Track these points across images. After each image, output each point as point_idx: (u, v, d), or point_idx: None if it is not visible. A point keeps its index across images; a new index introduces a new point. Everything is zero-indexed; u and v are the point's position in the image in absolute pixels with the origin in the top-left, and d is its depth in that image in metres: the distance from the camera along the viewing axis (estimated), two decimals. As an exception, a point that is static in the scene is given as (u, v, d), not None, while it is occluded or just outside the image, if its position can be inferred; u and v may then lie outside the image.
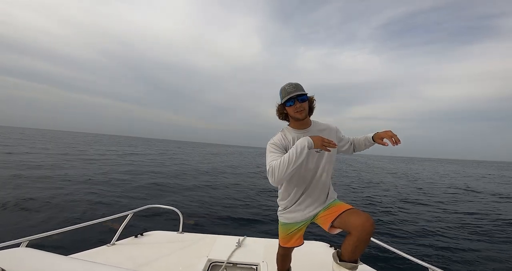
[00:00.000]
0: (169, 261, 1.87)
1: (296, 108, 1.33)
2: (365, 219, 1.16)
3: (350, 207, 1.33)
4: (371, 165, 33.33)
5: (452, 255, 4.13)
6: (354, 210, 1.29)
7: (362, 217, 1.18)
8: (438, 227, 5.65)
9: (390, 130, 1.38)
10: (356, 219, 1.19)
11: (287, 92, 1.33)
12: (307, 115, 1.39)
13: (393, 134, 1.34)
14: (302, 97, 1.32)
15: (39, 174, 8.87)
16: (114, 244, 2.08)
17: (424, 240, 4.77)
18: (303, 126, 1.42)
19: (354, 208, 1.31)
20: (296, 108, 1.33)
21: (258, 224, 5.14)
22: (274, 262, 1.90)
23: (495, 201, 9.61)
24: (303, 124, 1.41)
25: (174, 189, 8.22)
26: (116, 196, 6.65)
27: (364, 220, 1.16)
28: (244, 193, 8.36)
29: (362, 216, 1.19)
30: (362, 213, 1.22)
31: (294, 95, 1.30)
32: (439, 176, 20.97)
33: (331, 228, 1.37)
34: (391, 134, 1.34)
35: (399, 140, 1.32)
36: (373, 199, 8.69)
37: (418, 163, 60.87)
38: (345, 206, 1.35)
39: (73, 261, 0.89)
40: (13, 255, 0.90)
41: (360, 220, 1.17)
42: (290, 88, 1.33)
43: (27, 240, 1.35)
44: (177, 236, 2.43)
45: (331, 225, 1.34)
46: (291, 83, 1.34)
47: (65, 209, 5.15)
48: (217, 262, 1.90)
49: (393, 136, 1.33)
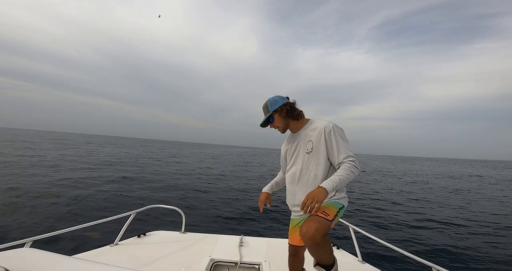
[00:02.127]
0: (172, 260, 1.87)
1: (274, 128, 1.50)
2: (304, 231, 1.14)
3: (316, 212, 1.21)
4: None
5: (453, 253, 4.11)
6: (313, 216, 1.20)
7: (303, 228, 1.15)
8: (441, 227, 5.63)
9: (307, 197, 1.16)
10: (301, 228, 1.18)
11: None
12: (287, 127, 1.48)
13: (305, 202, 1.15)
14: (270, 120, 1.46)
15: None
16: (117, 244, 2.09)
17: (422, 237, 4.76)
18: (294, 130, 1.49)
19: (318, 215, 1.20)
20: (273, 128, 1.50)
21: (260, 223, 5.15)
22: (276, 262, 1.90)
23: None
24: (294, 129, 1.49)
25: (177, 188, 8.26)
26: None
27: (303, 232, 1.14)
28: (246, 193, 8.37)
29: (303, 227, 1.16)
30: (306, 223, 1.17)
31: (263, 122, 1.48)
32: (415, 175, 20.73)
33: None
34: (304, 202, 1.16)
35: (308, 210, 1.14)
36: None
37: (408, 162, 60.54)
38: (320, 210, 1.24)
39: (77, 261, 0.89)
40: (18, 255, 0.90)
41: (302, 230, 1.16)
42: (263, 110, 1.49)
43: (31, 240, 1.36)
44: (179, 235, 2.44)
45: None
46: (262, 107, 1.48)
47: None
48: (219, 262, 1.90)
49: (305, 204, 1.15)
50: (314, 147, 1.35)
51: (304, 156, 1.39)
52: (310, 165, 1.37)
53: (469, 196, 10.27)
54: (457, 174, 23.09)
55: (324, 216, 1.20)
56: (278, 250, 2.10)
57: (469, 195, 10.55)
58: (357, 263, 1.99)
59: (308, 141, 1.38)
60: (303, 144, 1.41)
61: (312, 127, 1.40)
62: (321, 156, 1.34)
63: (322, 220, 1.17)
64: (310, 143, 1.37)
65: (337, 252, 2.22)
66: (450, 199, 9.34)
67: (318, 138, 1.34)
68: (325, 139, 1.33)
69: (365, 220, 5.91)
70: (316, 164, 1.35)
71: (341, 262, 2.02)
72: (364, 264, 1.98)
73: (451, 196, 10.21)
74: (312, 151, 1.36)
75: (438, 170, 28.04)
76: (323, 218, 1.19)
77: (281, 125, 1.45)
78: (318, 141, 1.35)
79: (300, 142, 1.43)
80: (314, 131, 1.37)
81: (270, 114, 1.43)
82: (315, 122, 1.42)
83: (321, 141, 1.33)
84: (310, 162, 1.37)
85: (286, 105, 1.43)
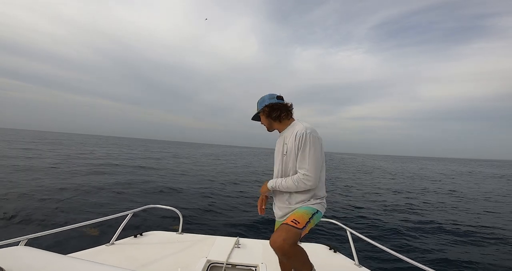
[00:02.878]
0: (168, 261, 1.86)
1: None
2: (271, 241, 1.16)
3: (291, 219, 1.24)
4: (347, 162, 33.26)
5: (444, 255, 4.11)
6: (283, 226, 1.22)
7: (272, 238, 1.17)
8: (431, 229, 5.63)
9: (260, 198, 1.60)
10: (271, 236, 1.19)
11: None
12: (271, 127, 1.52)
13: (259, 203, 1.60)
14: (258, 118, 1.56)
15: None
16: (113, 243, 2.07)
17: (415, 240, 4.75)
18: (280, 130, 1.52)
19: (285, 224, 1.22)
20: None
21: (257, 225, 5.14)
22: (273, 264, 1.89)
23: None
24: (279, 129, 1.52)
25: (175, 189, 8.23)
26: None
27: (271, 242, 1.16)
28: (244, 194, 8.35)
29: (273, 236, 1.17)
30: (276, 233, 1.19)
31: (254, 118, 1.58)
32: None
33: None
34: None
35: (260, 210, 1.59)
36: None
37: (404, 162, 60.65)
38: (291, 218, 1.26)
39: (72, 260, 0.89)
40: (12, 254, 0.90)
41: (271, 239, 1.17)
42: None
43: (25, 239, 1.35)
44: (176, 236, 2.43)
45: None
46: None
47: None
48: (216, 263, 1.89)
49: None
50: (288, 150, 1.37)
51: (281, 157, 1.42)
52: (286, 167, 1.40)
53: (466, 198, 10.29)
54: (456, 173, 23.09)
55: (293, 224, 1.21)
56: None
57: (466, 196, 10.57)
58: (354, 267, 1.99)
59: (284, 144, 1.41)
60: (282, 146, 1.43)
61: (291, 130, 1.40)
62: (290, 160, 1.37)
63: (291, 229, 1.18)
64: (285, 146, 1.39)
65: (334, 256, 2.22)
66: (448, 202, 9.35)
67: (292, 141, 1.35)
68: (294, 144, 1.33)
69: (362, 223, 5.90)
70: (290, 167, 1.38)
71: (338, 266, 2.03)
72: (361, 267, 1.98)
73: (448, 198, 10.22)
74: (286, 154, 1.38)
75: (436, 170, 28.06)
76: (292, 226, 1.20)
77: (266, 125, 1.53)
78: (292, 144, 1.35)
79: (280, 143, 1.47)
80: (291, 134, 1.38)
81: (256, 115, 1.54)
82: (295, 126, 1.42)
83: (294, 144, 1.33)
84: (285, 165, 1.40)
85: (266, 106, 1.46)
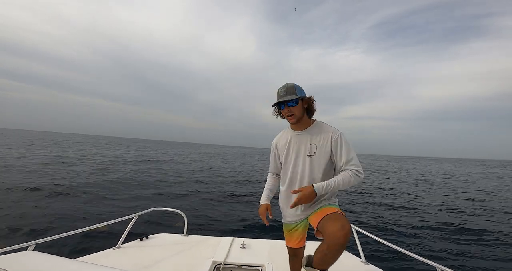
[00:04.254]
0: (174, 263, 1.87)
1: (285, 113, 1.36)
2: (339, 227, 1.07)
3: (333, 211, 1.23)
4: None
5: (457, 254, 4.07)
6: (334, 215, 1.19)
7: (337, 225, 1.08)
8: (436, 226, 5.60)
9: (299, 198, 1.22)
10: (330, 225, 1.11)
11: (278, 96, 1.34)
12: (300, 119, 1.37)
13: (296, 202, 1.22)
14: (291, 103, 1.31)
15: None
16: (119, 247, 2.09)
17: (427, 238, 4.72)
18: (299, 128, 1.41)
19: (337, 212, 1.21)
20: (285, 113, 1.36)
21: (262, 225, 5.13)
22: (279, 264, 1.89)
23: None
24: (300, 126, 1.41)
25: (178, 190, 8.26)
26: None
27: (338, 228, 1.07)
28: (249, 194, 8.35)
29: (337, 224, 1.09)
30: (339, 220, 1.12)
31: (281, 101, 1.31)
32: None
33: (317, 232, 1.30)
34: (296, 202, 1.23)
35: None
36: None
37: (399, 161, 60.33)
38: (330, 210, 1.25)
39: (80, 264, 0.89)
40: (21, 259, 0.90)
41: (334, 227, 1.08)
42: (282, 91, 1.33)
43: (34, 244, 1.36)
44: (182, 238, 2.43)
45: (317, 229, 1.28)
46: (284, 86, 1.32)
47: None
48: (221, 264, 1.90)
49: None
50: (318, 151, 1.32)
51: (305, 158, 1.36)
52: (310, 168, 1.34)
53: (475, 198, 10.21)
54: (456, 174, 23.06)
55: (342, 214, 1.21)
56: (281, 252, 2.09)
57: (475, 197, 10.49)
58: (361, 264, 1.99)
59: (311, 144, 1.35)
60: (305, 146, 1.37)
61: (318, 131, 1.36)
62: (322, 161, 1.32)
63: (344, 217, 1.17)
64: (314, 146, 1.34)
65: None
66: (454, 199, 9.28)
67: (324, 142, 1.31)
68: (331, 145, 1.30)
69: (368, 221, 5.88)
70: (317, 168, 1.33)
71: (345, 263, 2.02)
72: (367, 265, 1.97)
73: (454, 196, 10.15)
74: (315, 155, 1.33)
75: (437, 170, 27.93)
76: (341, 214, 1.20)
77: (299, 114, 1.34)
78: (323, 145, 1.32)
79: (302, 142, 1.38)
80: (320, 135, 1.34)
81: (296, 99, 1.30)
82: (322, 126, 1.38)
83: (327, 146, 1.30)
84: (310, 166, 1.34)
85: (312, 98, 1.38)
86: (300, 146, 1.39)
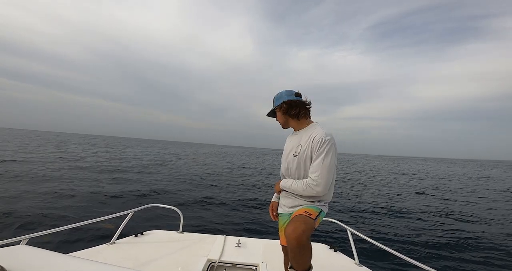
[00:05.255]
0: (169, 260, 1.87)
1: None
2: (290, 230, 1.12)
3: (301, 212, 1.26)
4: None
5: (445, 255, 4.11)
6: (296, 217, 1.22)
7: (290, 228, 1.14)
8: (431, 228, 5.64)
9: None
10: (287, 228, 1.16)
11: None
12: (286, 124, 1.50)
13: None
14: (270, 114, 1.54)
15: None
16: (114, 242, 2.08)
17: (421, 241, 4.76)
18: (297, 128, 1.49)
19: (302, 214, 1.23)
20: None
21: (257, 224, 5.14)
22: (273, 263, 1.89)
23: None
24: (298, 127, 1.48)
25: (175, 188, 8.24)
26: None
27: (290, 231, 1.12)
28: (245, 193, 8.36)
29: (290, 227, 1.14)
30: (293, 223, 1.16)
31: (269, 114, 1.54)
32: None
33: None
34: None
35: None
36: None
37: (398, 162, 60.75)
38: (299, 211, 1.28)
39: (73, 260, 0.89)
40: (13, 253, 0.89)
41: (288, 230, 1.13)
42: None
43: (27, 238, 1.35)
44: (177, 235, 2.43)
45: None
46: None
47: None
48: (216, 262, 1.90)
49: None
50: (301, 152, 1.35)
51: (292, 157, 1.41)
52: (296, 167, 1.39)
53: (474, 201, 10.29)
54: (456, 176, 23.16)
55: (308, 215, 1.22)
56: (276, 251, 2.10)
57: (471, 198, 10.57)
58: (354, 266, 1.99)
59: (299, 144, 1.39)
60: (295, 146, 1.42)
61: (309, 132, 1.38)
62: (305, 161, 1.35)
63: (308, 220, 1.19)
64: (299, 147, 1.37)
65: (334, 255, 2.22)
66: (452, 204, 9.35)
67: (308, 144, 1.33)
68: (311, 148, 1.32)
69: (362, 222, 5.91)
70: (302, 168, 1.37)
71: (338, 265, 2.03)
72: (361, 267, 1.98)
73: (451, 198, 10.22)
74: (298, 155, 1.37)
75: (435, 171, 28.10)
76: (308, 217, 1.21)
77: (281, 122, 1.50)
78: (307, 147, 1.34)
79: (294, 142, 1.45)
80: (308, 136, 1.36)
81: (273, 109, 1.50)
82: (314, 129, 1.39)
83: (308, 148, 1.33)
84: (296, 164, 1.39)
85: (284, 103, 1.42)
86: (292, 145, 1.45)
